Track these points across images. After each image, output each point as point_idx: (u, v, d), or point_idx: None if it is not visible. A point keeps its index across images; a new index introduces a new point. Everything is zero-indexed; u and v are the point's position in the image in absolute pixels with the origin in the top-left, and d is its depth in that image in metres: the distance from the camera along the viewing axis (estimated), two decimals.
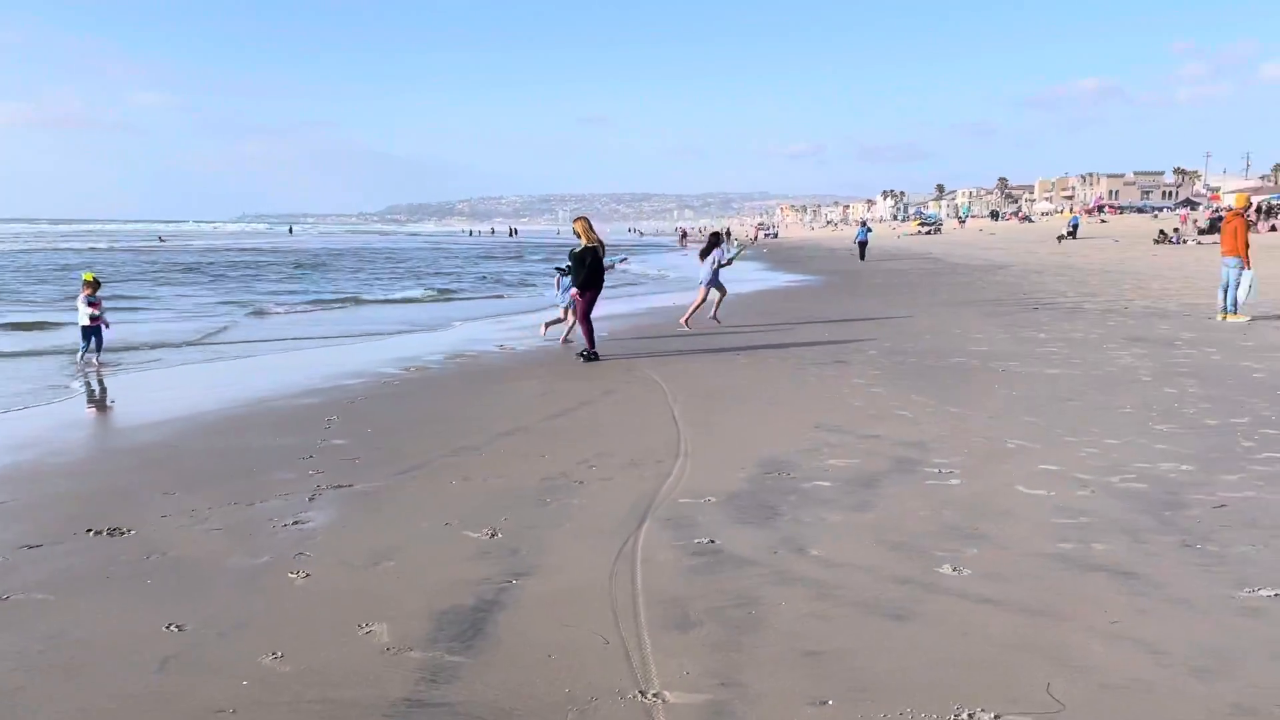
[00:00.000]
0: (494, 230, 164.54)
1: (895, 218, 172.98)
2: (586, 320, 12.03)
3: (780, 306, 19.16)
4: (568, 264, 12.92)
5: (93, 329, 12.23)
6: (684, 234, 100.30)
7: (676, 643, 3.79)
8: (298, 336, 16.07)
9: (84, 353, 12.24)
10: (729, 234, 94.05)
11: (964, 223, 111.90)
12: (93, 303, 12.27)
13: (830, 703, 3.29)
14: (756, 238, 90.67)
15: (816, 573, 4.51)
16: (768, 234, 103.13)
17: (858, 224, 69.91)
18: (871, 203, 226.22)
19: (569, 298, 13.36)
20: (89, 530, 5.29)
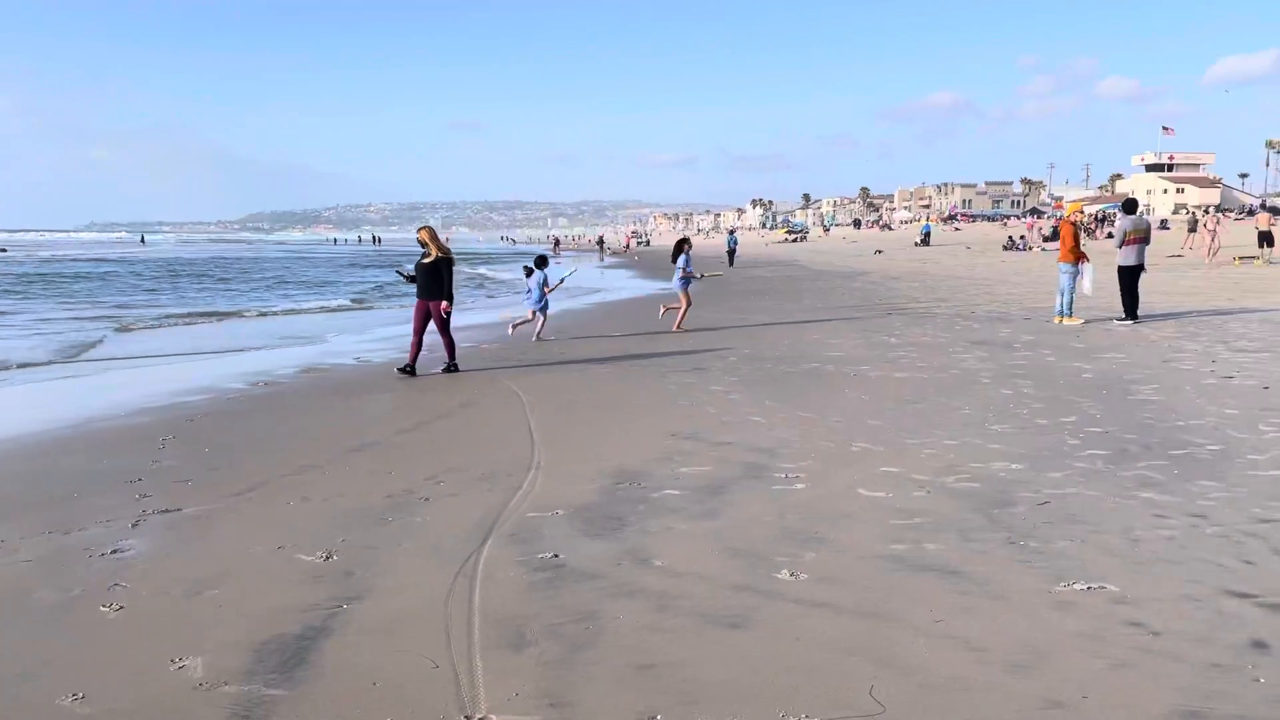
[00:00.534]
0: (360, 239, 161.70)
1: (764, 225, 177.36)
2: (447, 332, 11.80)
3: (648, 314, 19.26)
4: (532, 264, 15.63)
5: None
6: (556, 242, 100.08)
7: (509, 663, 3.70)
8: (140, 355, 15.15)
9: None
10: (602, 242, 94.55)
11: (829, 231, 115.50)
12: None
13: (658, 717, 3.26)
14: (629, 245, 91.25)
15: (658, 583, 4.50)
16: (640, 242, 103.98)
17: (728, 231, 72.15)
18: (742, 211, 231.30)
19: (541, 296, 15.15)
20: None
